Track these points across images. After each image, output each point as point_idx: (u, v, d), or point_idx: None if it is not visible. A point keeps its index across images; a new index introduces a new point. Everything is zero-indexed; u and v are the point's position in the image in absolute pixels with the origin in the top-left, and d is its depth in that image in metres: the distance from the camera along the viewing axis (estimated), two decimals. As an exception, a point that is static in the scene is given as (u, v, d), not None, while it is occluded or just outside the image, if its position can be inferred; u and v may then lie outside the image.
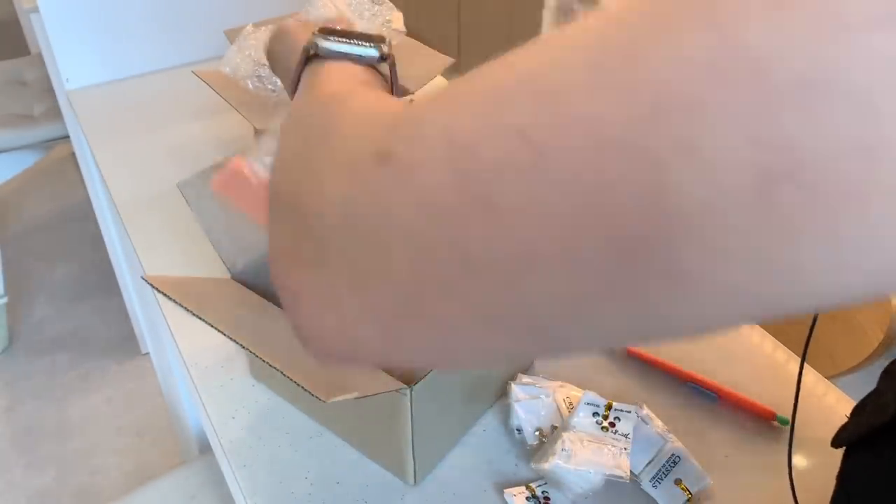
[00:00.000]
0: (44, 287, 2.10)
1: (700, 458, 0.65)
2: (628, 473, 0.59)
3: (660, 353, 0.73)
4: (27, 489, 1.62)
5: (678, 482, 0.61)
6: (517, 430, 0.66)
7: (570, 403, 0.66)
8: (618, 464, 0.60)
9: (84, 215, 1.92)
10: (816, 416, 0.69)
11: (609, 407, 0.64)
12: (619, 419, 0.63)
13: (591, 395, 0.64)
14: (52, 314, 2.02)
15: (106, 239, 1.59)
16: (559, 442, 0.61)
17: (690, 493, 0.61)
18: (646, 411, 0.64)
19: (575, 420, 0.63)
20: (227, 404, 0.71)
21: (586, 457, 0.60)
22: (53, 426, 1.75)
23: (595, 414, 0.63)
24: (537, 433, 0.65)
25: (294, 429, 0.68)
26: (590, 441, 0.61)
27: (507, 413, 0.68)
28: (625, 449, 0.61)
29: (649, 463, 0.62)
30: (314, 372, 0.53)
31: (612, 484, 0.60)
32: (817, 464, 0.65)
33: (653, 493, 0.62)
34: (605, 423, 0.62)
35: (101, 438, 1.72)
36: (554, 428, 0.65)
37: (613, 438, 0.61)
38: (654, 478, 0.62)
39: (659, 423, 0.64)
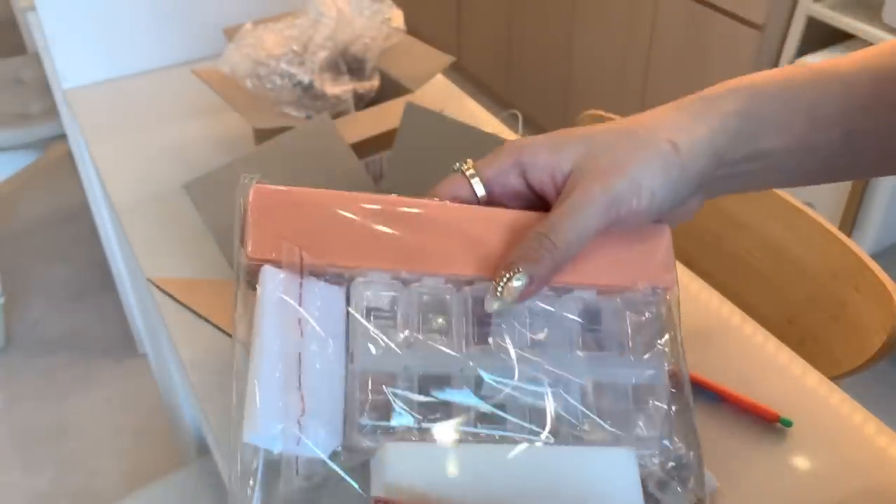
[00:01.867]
0: (41, 287, 2.09)
1: (703, 460, 0.64)
2: None
3: (662, 354, 0.73)
4: (25, 490, 1.62)
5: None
6: None
7: None
8: None
9: (81, 214, 1.91)
10: (820, 417, 0.69)
11: None
12: None
13: None
14: (49, 314, 2.01)
15: (103, 238, 1.59)
16: None
17: (698, 497, 0.60)
18: None
19: None
20: (225, 406, 0.70)
21: None
22: (51, 427, 1.74)
23: None
24: None
25: (293, 431, 0.68)
26: None
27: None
28: None
29: None
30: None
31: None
32: (820, 465, 0.65)
33: (659, 495, 0.61)
34: None
35: (98, 439, 1.71)
36: None
37: None
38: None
39: None
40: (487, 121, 1.09)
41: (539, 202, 0.48)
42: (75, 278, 2.11)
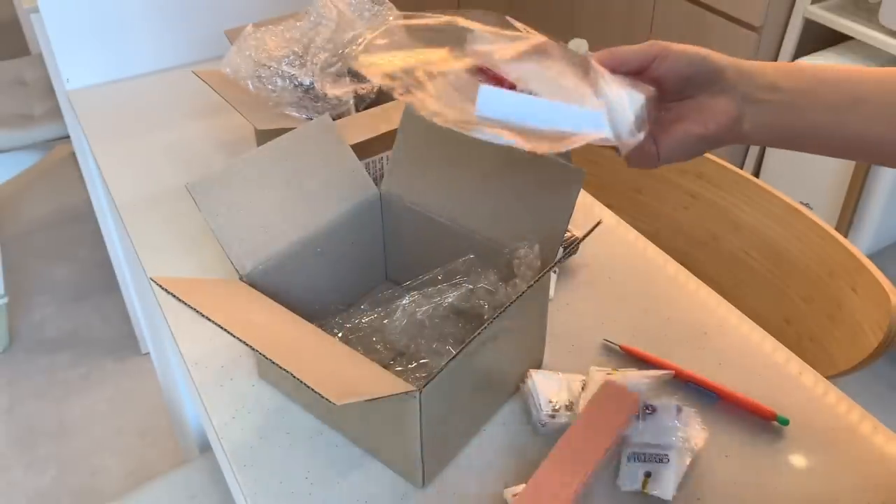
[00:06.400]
0: (44, 287, 2.10)
1: (700, 458, 0.65)
2: None
3: (660, 352, 0.74)
4: (27, 489, 1.62)
5: (647, 475, 0.62)
6: (535, 405, 0.67)
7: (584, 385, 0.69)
8: None
9: (84, 215, 1.92)
10: (816, 415, 0.69)
11: None
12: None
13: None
14: (52, 314, 2.02)
15: (106, 239, 1.60)
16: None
17: (646, 490, 0.61)
18: (685, 412, 0.65)
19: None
20: (227, 404, 0.71)
21: None
22: (53, 426, 1.75)
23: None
24: (552, 403, 0.67)
25: (294, 428, 0.68)
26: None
27: (510, 414, 0.69)
28: None
29: (646, 445, 0.64)
30: (324, 374, 0.53)
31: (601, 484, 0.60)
32: (817, 463, 0.66)
33: (623, 464, 0.63)
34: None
35: (101, 438, 1.72)
36: (570, 404, 0.67)
37: None
38: (633, 455, 0.63)
39: (696, 429, 0.65)
40: (487, 122, 1.09)
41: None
42: (78, 278, 2.12)
